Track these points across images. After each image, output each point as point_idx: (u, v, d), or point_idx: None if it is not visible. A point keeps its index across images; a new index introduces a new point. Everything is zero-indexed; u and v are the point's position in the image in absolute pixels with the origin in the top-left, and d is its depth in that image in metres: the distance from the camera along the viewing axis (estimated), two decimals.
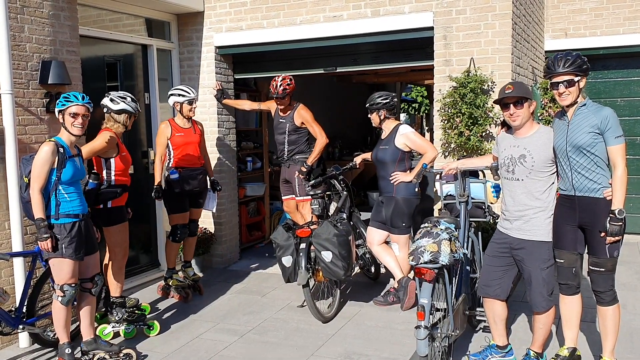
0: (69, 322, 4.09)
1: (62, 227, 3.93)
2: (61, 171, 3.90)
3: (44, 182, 3.86)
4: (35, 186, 3.84)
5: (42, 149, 3.87)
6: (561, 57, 3.56)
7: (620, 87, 7.89)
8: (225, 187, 6.82)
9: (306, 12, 6.23)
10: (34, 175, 3.85)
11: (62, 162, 3.90)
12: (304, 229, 5.02)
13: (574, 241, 3.65)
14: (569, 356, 3.77)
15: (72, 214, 3.98)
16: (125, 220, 4.80)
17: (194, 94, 5.55)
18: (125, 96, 4.68)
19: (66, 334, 4.06)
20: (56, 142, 3.92)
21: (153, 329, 4.81)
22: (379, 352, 4.37)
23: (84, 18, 5.43)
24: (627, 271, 6.22)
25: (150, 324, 4.82)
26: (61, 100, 3.98)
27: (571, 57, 3.53)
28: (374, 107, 5.24)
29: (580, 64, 3.52)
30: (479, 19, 5.56)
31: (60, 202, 3.93)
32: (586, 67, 3.54)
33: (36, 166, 3.84)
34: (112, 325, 4.73)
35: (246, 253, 7.46)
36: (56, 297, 4.00)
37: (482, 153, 5.48)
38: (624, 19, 7.56)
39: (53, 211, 3.91)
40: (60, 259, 3.92)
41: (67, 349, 4.05)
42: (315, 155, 5.85)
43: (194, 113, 5.59)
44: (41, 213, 3.85)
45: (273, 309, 5.41)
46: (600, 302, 3.66)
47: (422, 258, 3.54)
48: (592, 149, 3.50)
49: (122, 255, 4.80)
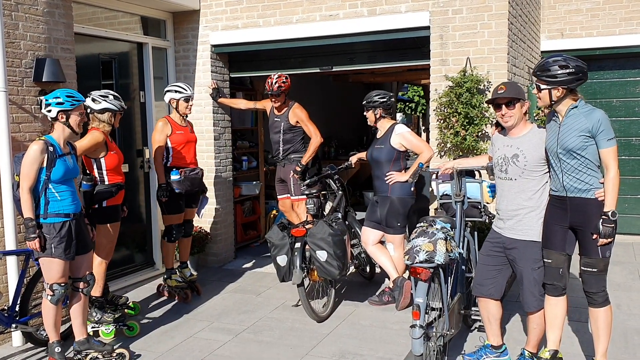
0: (59, 321, 4.07)
1: (51, 226, 3.90)
2: (51, 170, 3.87)
3: (33, 182, 3.83)
4: (24, 185, 3.81)
5: (31, 147, 3.84)
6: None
7: (616, 87, 7.90)
8: (220, 186, 6.81)
9: (302, 10, 6.22)
10: (22, 174, 3.83)
11: (52, 160, 3.87)
12: (299, 228, 5.01)
13: (563, 242, 3.64)
14: (550, 358, 3.76)
15: (62, 213, 3.94)
16: (117, 220, 4.77)
17: (191, 91, 5.52)
18: (107, 94, 4.62)
19: (56, 332, 4.04)
20: (46, 140, 3.89)
21: (133, 330, 4.78)
22: (373, 352, 4.36)
23: (79, 16, 5.41)
24: (622, 271, 6.22)
25: (131, 324, 4.78)
26: (67, 99, 3.92)
27: (547, 64, 3.52)
28: (371, 104, 5.23)
29: (550, 75, 3.49)
30: (476, 19, 5.56)
31: (50, 201, 3.90)
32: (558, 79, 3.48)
33: (25, 165, 3.82)
34: (92, 326, 4.70)
35: (241, 252, 7.44)
36: (46, 296, 3.98)
37: (478, 153, 5.48)
38: (620, 20, 7.57)
39: (42, 210, 3.89)
40: (50, 258, 3.90)
41: (57, 347, 4.03)
42: (310, 155, 5.84)
43: (190, 111, 5.56)
44: (30, 212, 3.83)
45: (268, 308, 5.40)
46: (592, 303, 3.65)
47: (418, 257, 3.54)
48: (582, 152, 3.50)
49: (105, 254, 4.77)
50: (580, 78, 3.49)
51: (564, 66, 3.47)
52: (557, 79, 3.48)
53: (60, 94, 3.96)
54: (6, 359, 4.37)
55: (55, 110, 3.92)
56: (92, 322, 4.70)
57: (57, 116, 3.94)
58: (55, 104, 3.92)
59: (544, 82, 3.54)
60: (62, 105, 3.92)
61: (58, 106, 3.92)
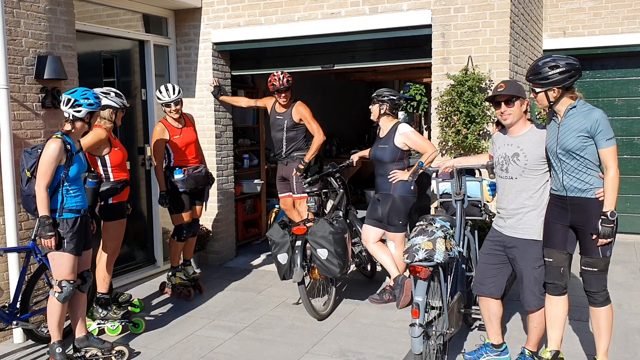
0: (63, 321, 4.06)
1: (65, 222, 3.91)
2: (69, 168, 3.88)
3: (50, 179, 3.82)
4: (42, 183, 3.79)
5: (49, 146, 3.81)
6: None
7: (618, 86, 7.88)
8: (221, 184, 6.81)
9: (304, 8, 6.21)
10: (41, 172, 3.80)
11: (70, 158, 3.88)
12: (300, 226, 5.01)
13: (564, 241, 3.64)
14: (551, 359, 3.75)
15: (75, 209, 3.96)
16: (124, 217, 4.78)
17: (175, 95, 5.34)
18: (109, 91, 4.62)
19: (59, 332, 4.02)
20: (63, 138, 3.88)
21: (139, 326, 4.78)
22: (374, 350, 4.36)
23: (80, 13, 5.41)
24: (624, 270, 6.22)
25: (136, 321, 4.79)
26: (96, 101, 3.96)
27: (537, 67, 3.53)
28: (380, 98, 5.20)
29: (542, 77, 3.50)
30: (477, 17, 5.55)
31: (65, 198, 3.92)
32: (551, 80, 3.49)
33: (44, 163, 3.79)
34: (97, 322, 4.71)
35: (242, 250, 7.45)
36: (53, 294, 3.96)
37: (479, 151, 5.47)
38: (623, 18, 7.54)
39: (58, 207, 3.89)
40: (61, 253, 3.90)
41: (58, 348, 4.00)
42: (313, 153, 5.84)
43: (177, 113, 5.41)
44: (46, 210, 3.81)
45: (268, 306, 5.40)
46: (593, 302, 3.65)
47: (417, 256, 3.54)
48: (581, 152, 3.49)
49: (113, 251, 4.78)
50: (573, 75, 3.48)
51: (554, 66, 3.47)
52: (549, 80, 3.49)
53: (89, 94, 3.95)
54: (7, 355, 4.38)
55: (85, 110, 3.92)
56: (98, 319, 4.71)
57: (84, 117, 3.94)
58: (86, 105, 3.91)
59: (537, 85, 3.55)
60: (92, 106, 3.94)
61: (89, 107, 3.93)
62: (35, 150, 3.95)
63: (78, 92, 3.94)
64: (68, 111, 3.92)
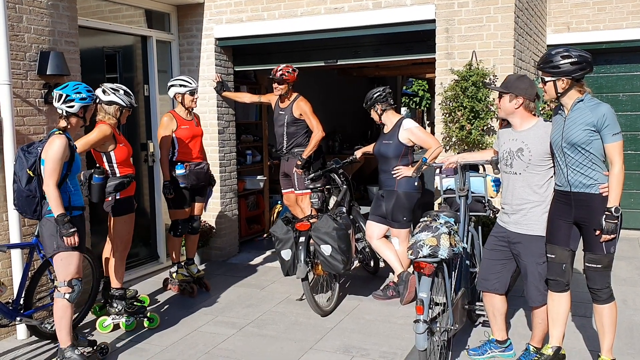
0: (71, 322, 3.97)
1: (75, 219, 3.90)
2: (72, 164, 3.86)
3: (59, 177, 3.78)
4: (51, 182, 3.74)
5: (54, 142, 3.76)
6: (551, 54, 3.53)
7: (623, 82, 7.84)
8: (224, 180, 6.80)
9: (307, 3, 6.19)
10: (49, 170, 3.74)
11: (72, 155, 3.86)
12: (303, 222, 5.00)
13: (567, 237, 3.62)
14: (553, 355, 3.73)
15: (79, 206, 3.96)
16: (132, 211, 4.78)
17: (195, 84, 5.48)
18: (119, 88, 4.60)
19: (70, 335, 3.90)
20: (65, 135, 3.86)
21: (153, 321, 4.79)
22: (377, 346, 4.36)
23: (83, 9, 5.39)
24: (628, 266, 6.20)
25: (151, 316, 4.80)
26: (89, 94, 3.92)
27: (549, 55, 3.51)
28: (369, 104, 5.22)
29: (553, 65, 3.47)
30: (481, 12, 5.52)
31: (71, 195, 3.91)
32: (562, 69, 3.45)
33: (52, 161, 3.73)
34: (112, 318, 4.72)
35: (245, 246, 7.45)
36: (61, 295, 3.85)
37: (484, 147, 5.45)
38: (628, 13, 7.50)
39: (66, 204, 3.85)
40: (70, 252, 3.85)
41: (74, 351, 3.86)
42: (311, 149, 5.82)
43: (195, 104, 5.52)
44: (61, 208, 3.76)
45: (272, 302, 5.40)
46: (597, 300, 3.62)
47: (421, 252, 3.52)
48: (587, 147, 3.46)
49: (124, 246, 4.78)
50: (584, 68, 3.45)
51: (566, 56, 3.45)
52: (560, 69, 3.46)
53: (80, 88, 3.92)
54: (11, 351, 4.38)
55: (78, 105, 3.89)
56: (113, 314, 4.71)
57: (78, 111, 3.91)
58: (79, 100, 3.88)
59: (547, 73, 3.52)
60: (85, 100, 3.92)
61: (82, 102, 3.90)
62: (34, 148, 3.90)
63: (69, 87, 3.91)
64: (61, 107, 3.89)
